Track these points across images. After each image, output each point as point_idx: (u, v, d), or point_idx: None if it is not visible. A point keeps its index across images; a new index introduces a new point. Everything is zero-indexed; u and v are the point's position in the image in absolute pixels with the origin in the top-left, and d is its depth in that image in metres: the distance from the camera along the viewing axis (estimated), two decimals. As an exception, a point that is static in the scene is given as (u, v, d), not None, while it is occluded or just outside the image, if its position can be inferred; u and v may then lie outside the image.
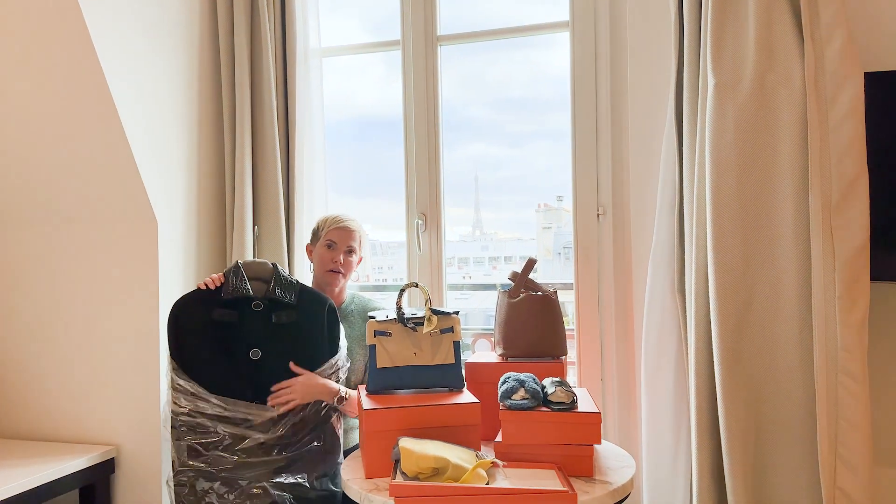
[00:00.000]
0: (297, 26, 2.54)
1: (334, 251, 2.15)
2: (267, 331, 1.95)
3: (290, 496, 1.87)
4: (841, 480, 1.79)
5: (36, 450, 2.27)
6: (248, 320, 1.95)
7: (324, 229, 2.19)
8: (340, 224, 2.17)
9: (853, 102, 1.80)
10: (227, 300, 1.95)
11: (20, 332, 2.44)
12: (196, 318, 1.95)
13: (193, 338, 1.94)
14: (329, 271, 2.15)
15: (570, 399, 1.76)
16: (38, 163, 2.29)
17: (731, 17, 1.93)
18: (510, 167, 2.70)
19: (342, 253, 2.15)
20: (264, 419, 1.89)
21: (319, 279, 2.19)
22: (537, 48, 2.63)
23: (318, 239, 2.21)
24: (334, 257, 2.14)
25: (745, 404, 1.88)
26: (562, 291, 2.19)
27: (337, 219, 2.19)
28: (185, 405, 1.89)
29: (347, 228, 2.17)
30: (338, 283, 2.16)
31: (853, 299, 1.79)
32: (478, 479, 1.60)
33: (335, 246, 2.15)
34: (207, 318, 1.94)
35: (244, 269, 2.00)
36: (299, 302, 1.99)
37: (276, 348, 1.94)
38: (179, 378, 1.91)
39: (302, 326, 1.97)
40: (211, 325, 1.94)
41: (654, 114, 2.20)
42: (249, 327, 1.94)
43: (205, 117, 2.57)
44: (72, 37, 2.06)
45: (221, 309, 1.95)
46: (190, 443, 1.88)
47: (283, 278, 2.00)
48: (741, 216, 1.89)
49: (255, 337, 1.94)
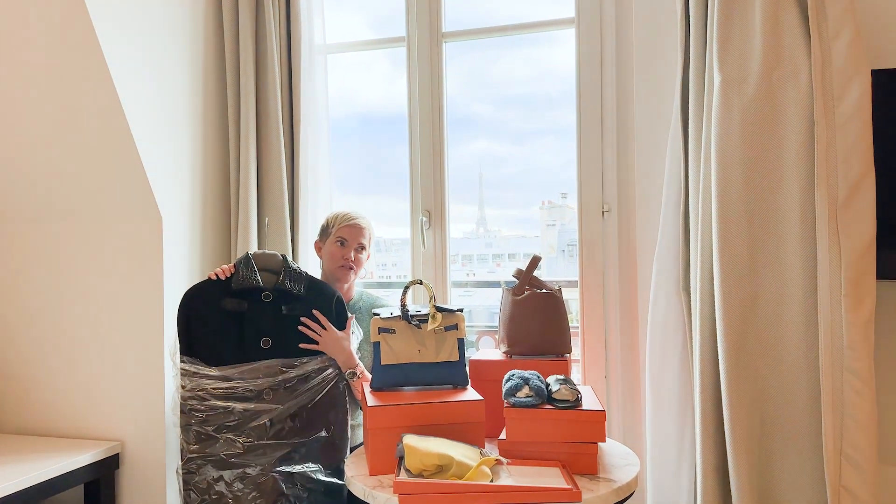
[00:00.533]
0: (303, 22, 2.54)
1: (345, 248, 2.18)
2: (277, 321, 1.98)
3: (298, 485, 1.89)
4: (846, 479, 1.78)
5: (41, 445, 2.28)
6: (258, 310, 1.98)
7: (334, 226, 2.22)
8: (352, 221, 2.20)
9: (860, 100, 1.79)
10: (236, 290, 1.98)
11: (25, 328, 2.45)
12: (207, 307, 1.98)
13: (203, 326, 1.97)
14: (340, 267, 2.18)
15: (575, 397, 1.76)
16: (43, 159, 2.29)
17: (737, 13, 1.92)
18: (514, 164, 2.69)
19: (353, 250, 2.18)
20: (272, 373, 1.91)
21: (329, 275, 2.22)
22: (541, 45, 2.62)
23: (327, 235, 2.23)
24: (345, 254, 2.17)
25: (749, 402, 1.88)
26: (566, 289, 2.19)
27: (348, 216, 2.22)
28: (188, 385, 1.91)
29: (358, 226, 2.20)
30: (348, 279, 2.19)
31: (859, 298, 1.78)
32: (482, 476, 1.60)
33: (346, 243, 2.18)
34: (218, 307, 1.97)
35: (254, 260, 2.03)
36: (308, 293, 2.02)
37: (287, 338, 1.97)
38: (183, 362, 1.94)
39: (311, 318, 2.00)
40: (221, 314, 1.97)
41: (660, 111, 2.19)
42: (259, 317, 1.97)
43: (210, 114, 2.57)
44: (77, 32, 2.06)
45: (232, 298, 1.97)
46: (199, 427, 1.89)
47: (292, 270, 2.03)
48: (747, 214, 1.89)
49: (265, 327, 1.97)
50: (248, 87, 2.51)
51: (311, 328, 2.00)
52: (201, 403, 1.90)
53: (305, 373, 1.95)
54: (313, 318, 2.00)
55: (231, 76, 2.56)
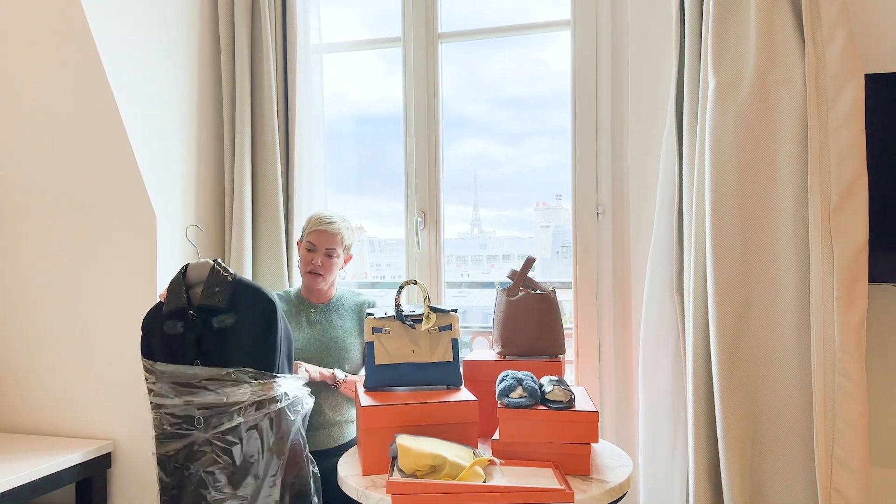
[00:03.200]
0: (298, 22, 2.54)
1: (313, 254, 2.15)
2: (210, 336, 1.90)
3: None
4: (837, 481, 1.79)
5: (33, 444, 2.27)
6: (191, 330, 1.90)
7: (306, 229, 2.19)
8: (321, 226, 2.15)
9: (854, 104, 1.80)
10: (169, 312, 1.90)
11: (17, 326, 2.44)
12: (155, 332, 1.93)
13: (156, 352, 1.93)
14: (308, 273, 2.15)
15: (568, 398, 1.76)
16: (38, 158, 2.28)
17: (732, 16, 1.93)
18: (509, 165, 2.70)
19: (321, 256, 2.14)
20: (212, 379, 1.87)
21: (302, 278, 2.20)
22: (535, 45, 2.63)
23: (303, 238, 2.21)
24: (313, 259, 2.14)
25: (742, 404, 1.89)
26: (560, 290, 2.20)
27: (318, 220, 2.17)
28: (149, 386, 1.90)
29: (327, 232, 2.14)
30: (318, 283, 2.16)
31: (852, 300, 1.79)
32: (475, 476, 1.60)
33: (314, 249, 2.15)
34: (161, 331, 1.91)
35: (189, 274, 1.95)
36: (234, 303, 1.90)
37: (217, 355, 1.89)
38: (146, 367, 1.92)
39: (239, 331, 1.90)
40: (164, 339, 1.91)
41: (655, 113, 2.20)
42: (191, 337, 1.90)
43: (205, 113, 2.56)
44: (72, 31, 2.06)
45: (169, 321, 1.90)
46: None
47: (216, 280, 1.91)
48: (740, 216, 1.90)
49: (200, 345, 1.89)
50: (244, 86, 2.51)
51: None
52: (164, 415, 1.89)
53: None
54: (246, 329, 1.90)
55: (226, 75, 2.56)
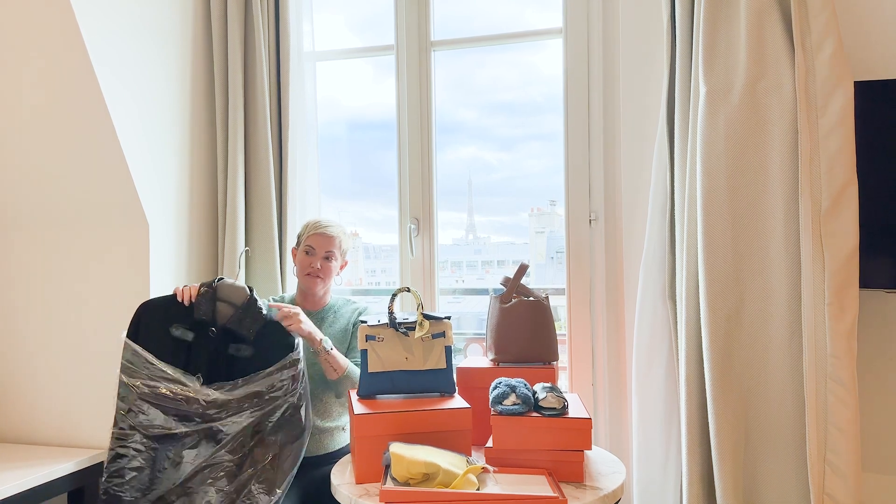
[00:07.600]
0: (291, 29, 2.54)
1: (312, 257, 2.17)
2: (218, 359, 1.89)
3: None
4: (829, 486, 1.80)
5: (25, 453, 2.26)
6: (202, 344, 1.88)
7: (304, 234, 2.22)
8: (318, 230, 2.18)
9: (843, 111, 1.81)
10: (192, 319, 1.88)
11: (9, 334, 2.43)
12: (155, 327, 1.89)
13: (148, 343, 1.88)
14: (307, 275, 2.17)
15: (561, 405, 1.76)
16: (30, 166, 2.28)
17: (722, 24, 1.94)
18: (503, 170, 2.70)
19: (320, 259, 2.17)
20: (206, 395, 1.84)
21: (300, 283, 2.21)
22: (527, 50, 2.64)
23: (299, 244, 2.23)
24: (312, 262, 2.16)
25: (734, 410, 1.89)
26: (554, 296, 2.20)
27: (316, 224, 2.21)
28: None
29: (325, 235, 2.18)
30: (316, 287, 2.17)
31: (842, 306, 1.80)
32: (468, 484, 1.60)
33: (313, 252, 2.17)
34: (165, 330, 1.88)
35: (219, 289, 1.93)
36: (260, 339, 1.89)
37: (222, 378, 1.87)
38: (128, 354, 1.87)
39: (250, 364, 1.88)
40: (168, 338, 1.89)
41: (646, 120, 2.21)
42: (201, 351, 1.88)
43: (197, 120, 2.56)
44: (63, 38, 2.05)
45: (181, 325, 1.89)
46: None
47: (252, 309, 1.90)
48: (732, 223, 1.91)
49: (202, 363, 1.88)
50: (237, 93, 2.51)
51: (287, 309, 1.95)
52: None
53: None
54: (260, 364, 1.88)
55: (219, 83, 2.56)
